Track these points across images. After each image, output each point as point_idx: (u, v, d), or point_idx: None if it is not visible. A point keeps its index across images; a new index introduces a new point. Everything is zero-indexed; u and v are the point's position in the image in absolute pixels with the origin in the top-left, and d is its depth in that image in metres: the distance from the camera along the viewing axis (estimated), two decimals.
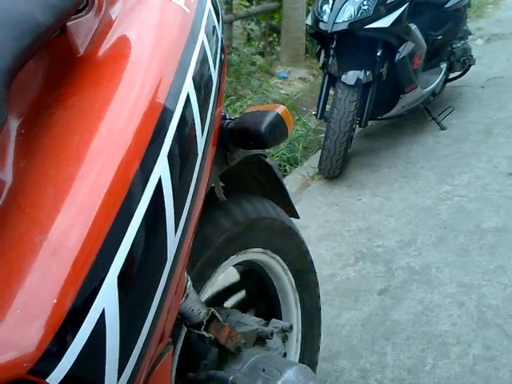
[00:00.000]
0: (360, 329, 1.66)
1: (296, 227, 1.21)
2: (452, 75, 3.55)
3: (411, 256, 2.00)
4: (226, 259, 1.01)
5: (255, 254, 1.10)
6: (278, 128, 0.82)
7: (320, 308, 1.29)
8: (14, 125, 0.52)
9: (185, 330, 0.94)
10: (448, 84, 3.59)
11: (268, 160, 1.14)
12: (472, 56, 3.57)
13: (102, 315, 0.46)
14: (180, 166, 0.57)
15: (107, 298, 0.46)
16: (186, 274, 0.78)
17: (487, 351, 1.49)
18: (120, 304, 0.47)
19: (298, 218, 1.30)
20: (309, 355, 1.26)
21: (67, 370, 0.43)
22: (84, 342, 0.44)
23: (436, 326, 1.62)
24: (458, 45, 3.39)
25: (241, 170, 1.20)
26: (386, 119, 3.17)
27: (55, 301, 0.43)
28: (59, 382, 0.43)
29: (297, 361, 1.22)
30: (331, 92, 2.84)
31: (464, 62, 3.46)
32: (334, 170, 2.69)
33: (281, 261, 1.16)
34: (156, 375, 0.63)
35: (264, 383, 0.86)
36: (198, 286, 0.92)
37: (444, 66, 3.30)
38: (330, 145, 2.59)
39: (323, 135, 2.73)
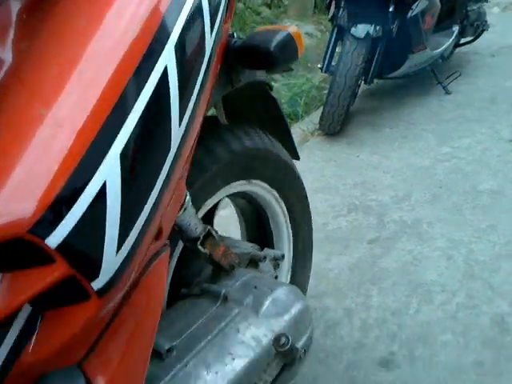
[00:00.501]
0: (348, 273, 1.71)
1: (292, 162, 1.23)
2: (463, 40, 3.50)
3: (404, 211, 2.04)
4: (221, 188, 1.03)
5: (249, 186, 1.12)
6: (289, 47, 0.82)
7: (312, 242, 1.33)
8: (14, 8, 0.53)
9: (180, 246, 0.97)
10: (457, 49, 3.56)
11: (273, 94, 1.15)
12: (486, 21, 3.51)
13: (104, 186, 0.48)
14: (187, 58, 0.58)
15: (109, 172, 0.48)
16: (185, 188, 0.80)
17: (470, 300, 1.54)
18: (122, 180, 0.49)
19: (297, 158, 1.32)
20: (298, 285, 1.30)
21: (66, 234, 0.45)
22: (84, 209, 0.46)
23: (423, 276, 1.67)
24: (474, 8, 3.34)
25: (243, 105, 1.21)
26: (391, 79, 3.16)
27: (56, 168, 0.45)
28: (58, 245, 0.45)
29: None
30: (338, 50, 2.82)
31: (477, 27, 3.41)
32: (335, 126, 2.69)
33: (276, 193, 1.18)
34: (152, 272, 0.65)
35: (255, 299, 0.90)
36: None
37: (456, 29, 3.26)
38: (333, 99, 2.58)
39: (326, 92, 2.72)
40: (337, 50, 2.83)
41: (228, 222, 1.61)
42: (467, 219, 1.96)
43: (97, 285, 0.50)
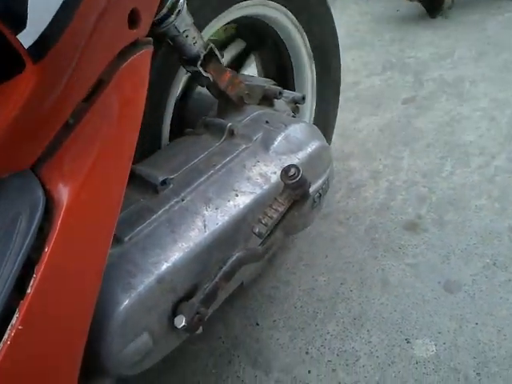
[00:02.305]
0: (378, 133, 1.56)
1: None
2: None
3: (445, 69, 1.82)
4: (232, 3, 0.85)
5: (267, 9, 0.94)
6: None
7: (339, 87, 1.17)
8: None
9: (182, 78, 0.83)
10: None
11: None
12: None
13: None
14: None
15: None
16: None
17: (511, 164, 1.39)
18: None
19: None
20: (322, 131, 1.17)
21: None
22: None
23: (460, 137, 1.51)
24: None
25: None
26: None
27: None
28: None
29: None
30: None
31: None
32: None
33: (297, 22, 1.00)
34: (129, 67, 0.52)
35: (265, 134, 0.77)
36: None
37: None
38: None
39: None
40: None
41: None
42: None
43: (26, 40, 0.38)
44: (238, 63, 1.07)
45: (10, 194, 0.45)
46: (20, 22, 0.36)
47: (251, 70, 1.22)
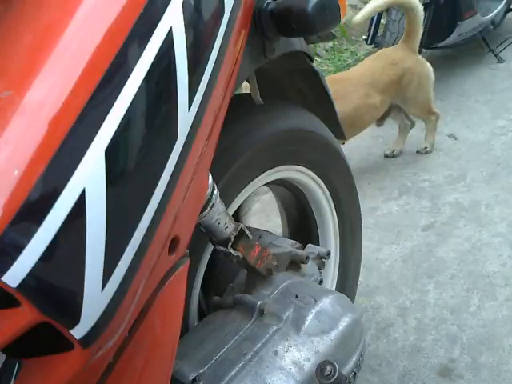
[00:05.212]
0: (401, 265, 1.55)
1: (338, 144, 1.07)
2: None
3: (460, 192, 1.84)
4: (258, 175, 0.89)
5: (291, 172, 0.98)
6: (329, 9, 0.66)
7: (361, 232, 1.17)
8: None
9: (210, 247, 0.84)
10: (509, 14, 3.25)
11: (314, 66, 0.99)
12: None
13: (82, 197, 0.34)
14: (199, 19, 0.43)
15: (90, 176, 0.34)
16: (210, 180, 0.66)
17: None
18: (108, 186, 0.36)
19: (344, 139, 1.17)
20: (347, 286, 1.15)
21: (30, 268, 0.32)
22: (53, 233, 0.33)
23: (483, 266, 1.48)
24: None
25: (282, 80, 1.06)
26: (440, 48, 2.91)
27: (17, 172, 0.32)
28: (20, 283, 0.32)
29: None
30: (383, 21, 2.62)
31: None
32: None
33: (319, 180, 1.03)
34: (168, 289, 0.52)
35: (296, 311, 0.76)
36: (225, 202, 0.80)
37: None
38: None
39: None
40: (382, 21, 2.62)
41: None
42: None
43: (79, 333, 0.37)
44: None
45: None
46: (74, 321, 0.36)
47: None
